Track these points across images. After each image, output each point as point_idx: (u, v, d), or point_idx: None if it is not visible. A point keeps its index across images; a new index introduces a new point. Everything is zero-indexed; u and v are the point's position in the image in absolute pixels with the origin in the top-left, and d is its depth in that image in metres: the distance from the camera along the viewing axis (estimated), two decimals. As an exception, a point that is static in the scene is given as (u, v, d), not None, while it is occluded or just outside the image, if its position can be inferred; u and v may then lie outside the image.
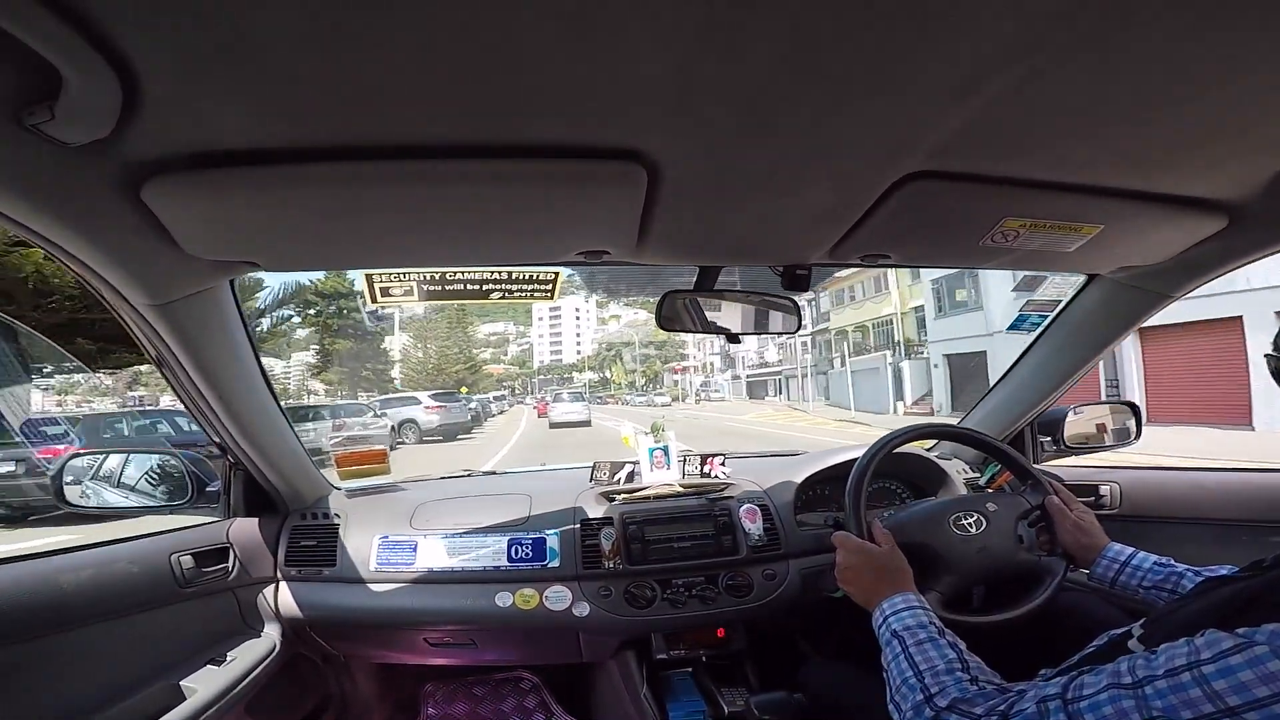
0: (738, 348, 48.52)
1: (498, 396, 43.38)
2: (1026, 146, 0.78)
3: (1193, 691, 0.58)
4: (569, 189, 0.80)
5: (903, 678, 0.84)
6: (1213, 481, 1.52)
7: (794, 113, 0.66)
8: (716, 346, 58.99)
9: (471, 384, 44.10)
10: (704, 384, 58.92)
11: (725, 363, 59.56)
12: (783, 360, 41.78)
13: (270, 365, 26.35)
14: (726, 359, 58.35)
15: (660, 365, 75.92)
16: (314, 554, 1.50)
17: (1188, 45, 0.58)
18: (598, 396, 66.32)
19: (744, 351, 51.84)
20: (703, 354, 67.60)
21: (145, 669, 1.14)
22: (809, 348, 35.03)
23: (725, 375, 58.18)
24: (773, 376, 43.57)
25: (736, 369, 54.80)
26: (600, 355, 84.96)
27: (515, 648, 1.64)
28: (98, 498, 1.46)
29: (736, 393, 51.41)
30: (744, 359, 52.63)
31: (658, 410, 32.36)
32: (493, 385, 64.07)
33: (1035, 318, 1.64)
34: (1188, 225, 1.01)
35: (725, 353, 56.41)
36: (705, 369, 65.85)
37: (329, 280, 25.84)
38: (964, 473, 1.74)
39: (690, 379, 64.59)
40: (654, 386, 69.81)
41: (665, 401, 47.62)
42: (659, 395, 54.25)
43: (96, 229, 0.78)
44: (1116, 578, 1.10)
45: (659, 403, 46.55)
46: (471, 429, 20.17)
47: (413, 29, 0.51)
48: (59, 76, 0.52)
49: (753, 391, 47.94)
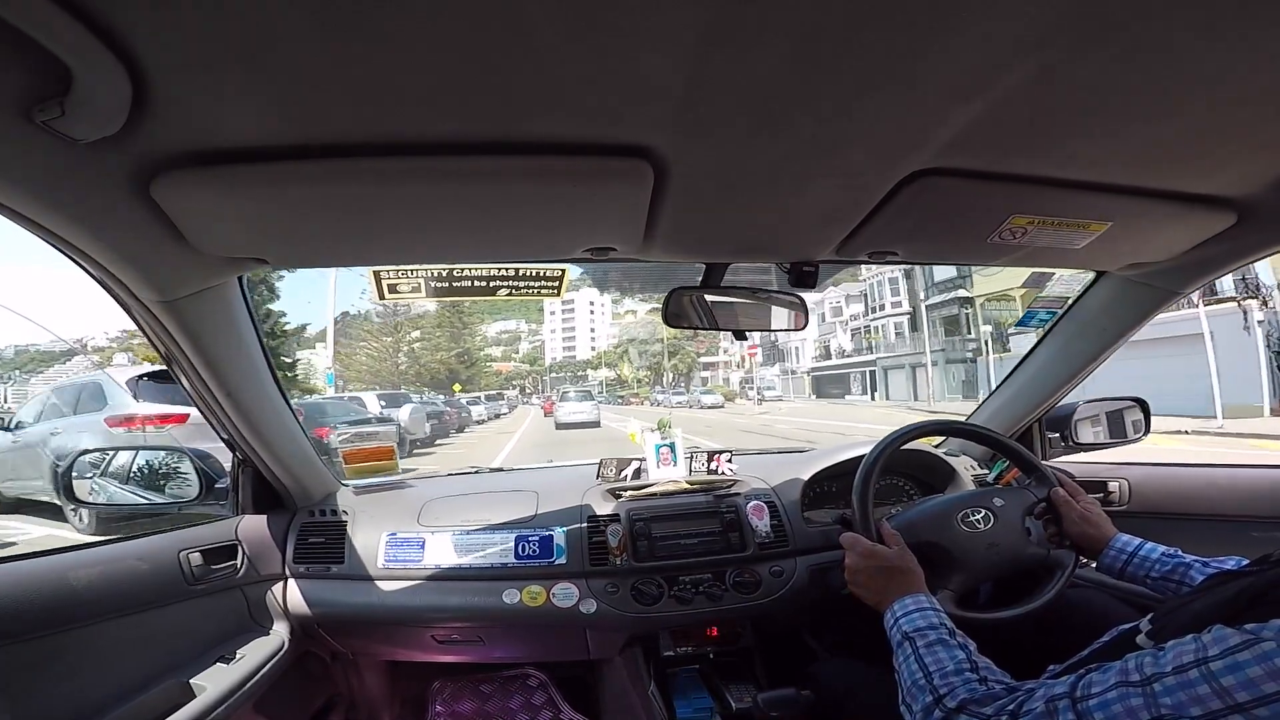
0: (790, 339, 39.97)
1: (490, 396, 33.89)
2: (1035, 144, 0.77)
3: (1201, 688, 0.58)
4: (576, 186, 0.80)
5: (913, 679, 0.85)
6: (1223, 477, 1.51)
7: (802, 110, 0.66)
8: (757, 337, 52.71)
9: (468, 380, 41.21)
10: (745, 380, 49.63)
11: (770, 356, 50.83)
12: (869, 348, 33.64)
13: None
14: (773, 351, 50.24)
15: (695, 358, 61.87)
16: (322, 551, 1.51)
17: (1196, 42, 0.58)
18: (617, 396, 58.52)
19: (794, 342, 44.61)
20: (738, 347, 53.39)
21: (155, 666, 1.14)
22: (913, 330, 28.12)
23: (772, 370, 48.88)
24: (857, 370, 35.55)
25: (789, 362, 47.43)
26: (621, 348, 76.26)
27: (522, 645, 1.64)
28: (106, 494, 1.48)
29: (794, 390, 44.03)
30: (797, 351, 45.69)
31: (710, 415, 27.13)
32: (497, 383, 61.15)
33: (1043, 314, 1.63)
34: (1196, 222, 1.01)
35: (773, 343, 48.19)
36: (742, 364, 55.39)
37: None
38: (972, 469, 1.73)
39: (723, 375, 56.42)
40: (686, 382, 58.13)
41: (715, 402, 36.87)
42: (706, 393, 41.58)
43: (106, 225, 0.79)
44: (1124, 568, 1.10)
45: (707, 403, 36.35)
46: (415, 442, 13.35)
47: (422, 25, 0.51)
48: (69, 73, 0.52)
49: (821, 389, 40.04)
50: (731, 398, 43.43)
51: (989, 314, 23.81)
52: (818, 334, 41.71)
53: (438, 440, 15.31)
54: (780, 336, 39.98)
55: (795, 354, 46.65)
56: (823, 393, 39.57)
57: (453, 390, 30.31)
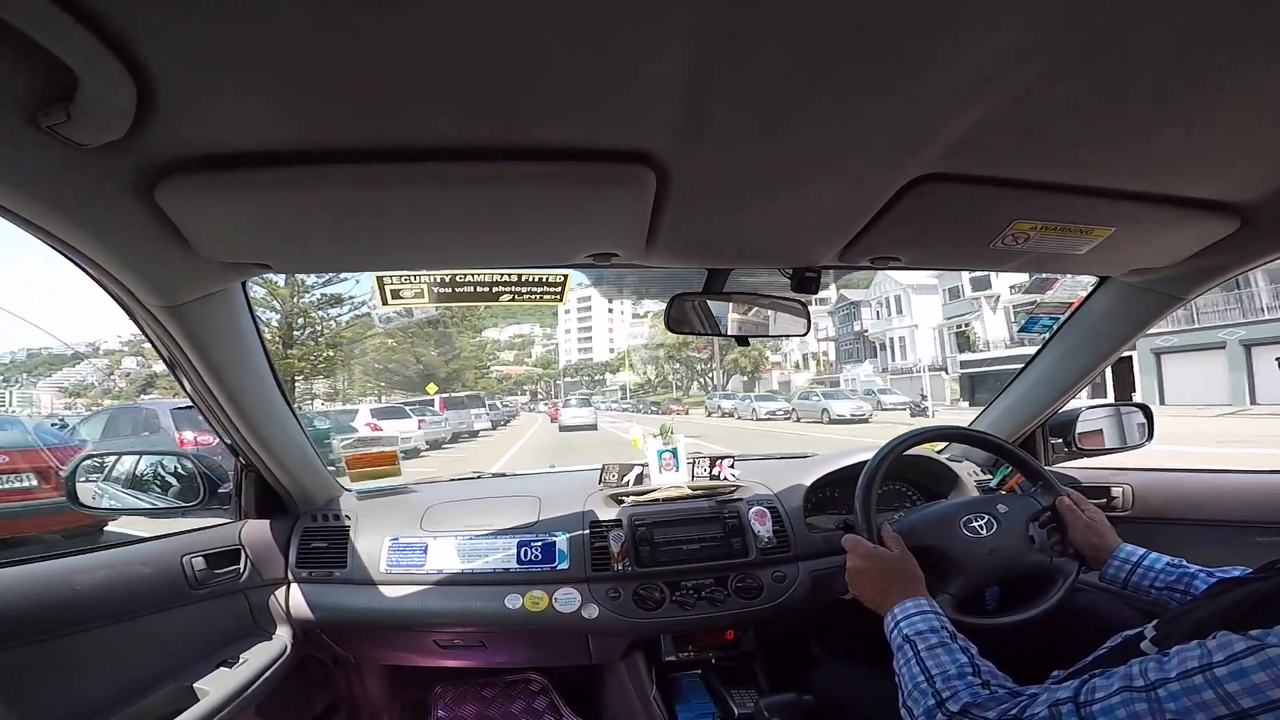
0: (890, 328, 34.79)
1: (454, 402, 20.15)
2: (1037, 149, 0.77)
3: (1206, 694, 0.58)
4: (578, 191, 0.80)
5: (914, 682, 0.84)
6: (1226, 483, 1.51)
7: (803, 115, 0.66)
8: (832, 329, 41.91)
9: (470, 385, 37.52)
10: (816, 382, 36.61)
11: (853, 352, 39.31)
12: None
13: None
14: (858, 345, 38.79)
15: (760, 355, 46.22)
16: (325, 556, 1.51)
17: (1198, 48, 0.57)
18: (651, 403, 45.30)
19: (894, 332, 33.93)
20: (794, 343, 42.36)
21: (157, 670, 1.14)
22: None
23: (862, 368, 35.75)
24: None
25: (890, 358, 34.58)
26: (652, 348, 63.05)
27: (524, 650, 1.64)
28: (110, 498, 1.48)
29: (909, 391, 27.27)
30: (901, 344, 33.67)
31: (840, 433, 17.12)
32: (501, 388, 59.19)
33: (1046, 320, 1.63)
34: (1199, 228, 1.00)
35: (859, 334, 38.57)
36: (812, 362, 45.03)
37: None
38: (975, 475, 1.73)
39: (779, 377, 45.33)
40: (754, 384, 45.87)
41: (856, 412, 22.64)
42: (835, 395, 25.33)
43: (110, 230, 0.79)
44: (1128, 579, 1.09)
45: (841, 413, 22.30)
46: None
47: (425, 32, 0.51)
48: (74, 78, 0.52)
49: (978, 391, 25.70)
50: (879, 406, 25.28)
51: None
52: (942, 318, 31.79)
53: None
54: (871, 326, 34.53)
55: (898, 348, 34.50)
56: (980, 398, 24.07)
57: (428, 390, 24.20)
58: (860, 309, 39.28)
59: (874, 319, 37.97)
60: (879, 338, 37.15)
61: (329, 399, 30.13)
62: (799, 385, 38.70)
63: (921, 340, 33.43)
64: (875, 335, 37.54)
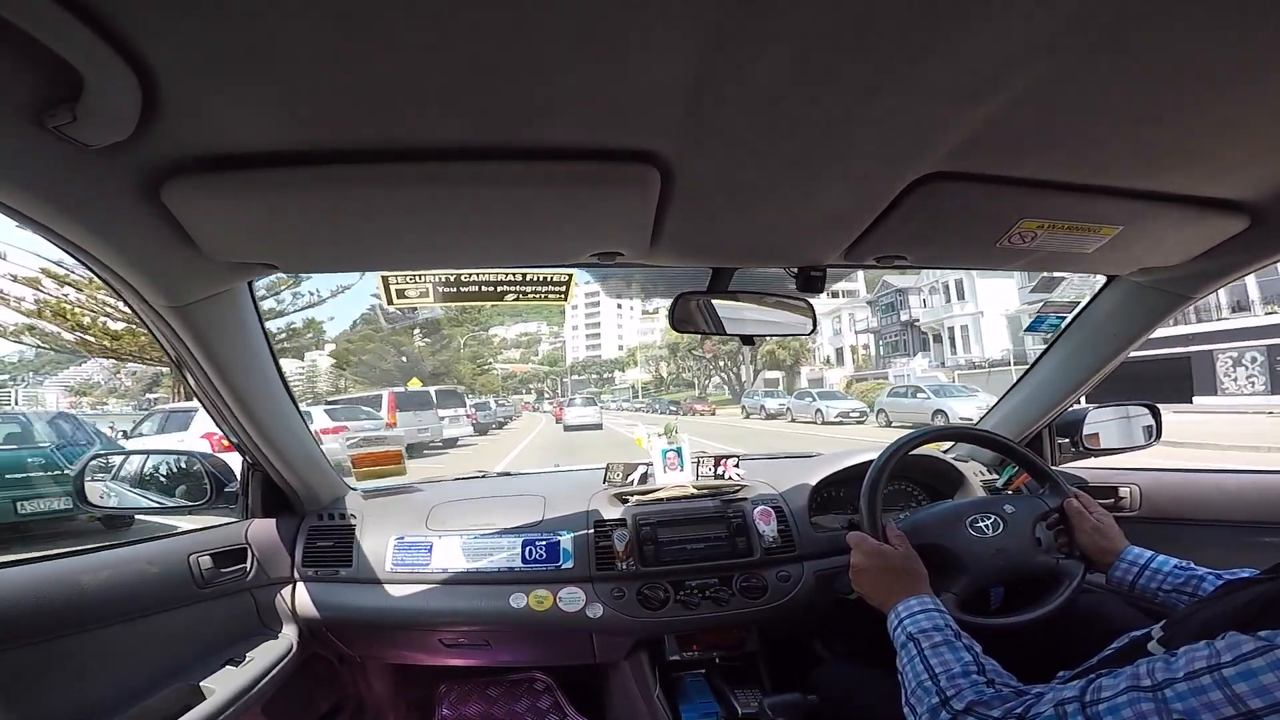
0: (952, 314, 29.59)
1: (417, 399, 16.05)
2: (1044, 147, 0.77)
3: (1214, 694, 0.58)
4: (583, 191, 0.80)
5: (918, 681, 0.84)
6: (1234, 484, 1.50)
7: (808, 114, 0.66)
8: (872, 320, 36.99)
9: (465, 381, 37.00)
10: (854, 380, 32.95)
11: (900, 345, 34.32)
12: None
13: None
14: (908, 335, 33.66)
15: (802, 347, 39.81)
16: (331, 554, 1.51)
17: (1206, 44, 0.57)
18: (670, 403, 41.07)
19: (955, 319, 29.04)
20: (825, 338, 39.57)
21: (164, 669, 1.15)
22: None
23: (916, 362, 30.21)
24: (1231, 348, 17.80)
25: (959, 348, 29.12)
26: (662, 348, 56.20)
27: (529, 649, 1.64)
28: (118, 498, 1.49)
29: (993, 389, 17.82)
30: (964, 334, 28.90)
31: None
32: (505, 387, 57.74)
33: (1053, 319, 1.62)
34: (1208, 226, 1.00)
35: (909, 323, 33.45)
36: (848, 357, 40.36)
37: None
38: (981, 475, 1.72)
39: (809, 373, 40.56)
40: (791, 380, 40.10)
41: (853, 411, 20.89)
42: (836, 397, 23.65)
43: (117, 231, 0.79)
44: (1135, 581, 1.09)
45: (849, 413, 20.75)
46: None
47: (429, 32, 0.51)
48: (80, 79, 0.52)
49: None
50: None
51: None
52: (1020, 303, 25.96)
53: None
54: (922, 315, 31.55)
55: (959, 338, 29.67)
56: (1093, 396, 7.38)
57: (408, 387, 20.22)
58: (908, 296, 34.03)
59: (924, 307, 33.32)
60: (934, 327, 31.80)
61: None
62: (831, 382, 35.64)
63: (990, 329, 28.49)
64: (928, 325, 32.31)
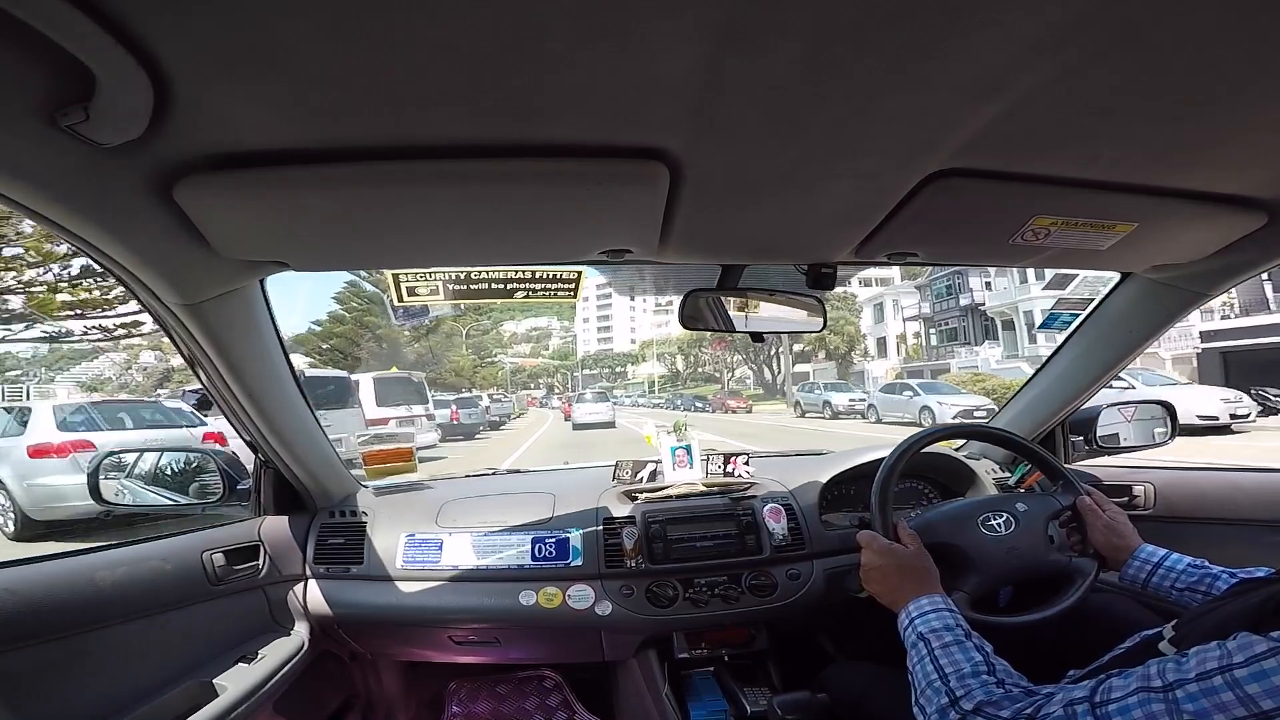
0: (1040, 300, 23.07)
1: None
2: (1056, 144, 0.76)
3: (1225, 695, 0.58)
4: (592, 188, 0.80)
5: (928, 680, 0.83)
6: (1250, 482, 1.48)
7: (818, 111, 0.65)
8: (924, 306, 33.43)
9: (465, 375, 35.58)
10: (903, 373, 28.31)
11: (958, 332, 30.98)
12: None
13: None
14: (970, 319, 30.18)
15: (856, 332, 37.58)
16: (342, 552, 1.52)
17: (1222, 40, 0.56)
18: (695, 399, 37.79)
19: (1035, 303, 23.89)
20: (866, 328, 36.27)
21: (177, 666, 1.16)
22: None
23: (987, 351, 27.24)
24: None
25: (1038, 335, 24.45)
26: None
27: (538, 646, 1.65)
28: (133, 495, 1.50)
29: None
30: (1044, 313, 16.63)
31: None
32: (513, 381, 57.21)
33: (1067, 316, 1.60)
34: (1225, 223, 0.98)
35: (972, 308, 29.76)
36: (878, 349, 37.46)
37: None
38: (993, 473, 1.71)
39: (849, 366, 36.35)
40: (844, 371, 36.24)
41: (858, 402, 20.51)
42: (841, 389, 23.85)
43: (130, 229, 0.80)
44: (1149, 580, 1.08)
45: (851, 404, 20.74)
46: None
47: (440, 30, 0.51)
48: (92, 78, 0.53)
49: (1247, 376, 14.02)
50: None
51: None
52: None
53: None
54: (987, 299, 29.06)
55: (1037, 322, 25.35)
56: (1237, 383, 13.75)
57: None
58: (966, 278, 30.41)
59: (986, 290, 29.57)
60: (1004, 312, 27.65)
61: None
62: (875, 375, 32.32)
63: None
64: (996, 310, 28.22)
